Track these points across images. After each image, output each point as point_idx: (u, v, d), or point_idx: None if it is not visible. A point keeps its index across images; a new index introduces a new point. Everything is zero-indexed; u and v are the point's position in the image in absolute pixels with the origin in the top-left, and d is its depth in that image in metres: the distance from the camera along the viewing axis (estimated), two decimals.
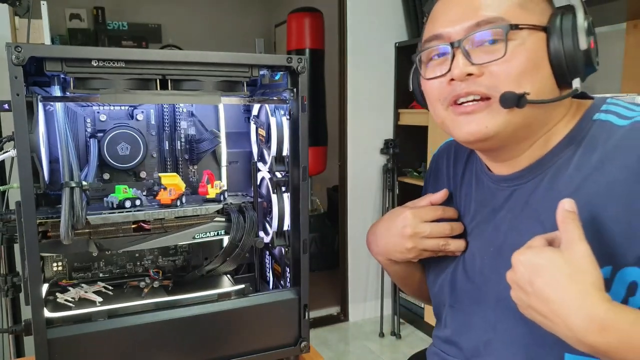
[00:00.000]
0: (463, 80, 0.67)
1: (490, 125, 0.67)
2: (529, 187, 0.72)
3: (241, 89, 0.87)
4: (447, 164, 0.89)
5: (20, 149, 0.70)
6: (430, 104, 0.76)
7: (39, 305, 0.73)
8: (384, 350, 2.67)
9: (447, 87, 0.70)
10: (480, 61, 0.66)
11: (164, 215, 0.87)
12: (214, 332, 0.84)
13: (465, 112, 0.68)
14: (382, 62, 2.86)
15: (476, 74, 0.67)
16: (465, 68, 0.67)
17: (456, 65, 0.67)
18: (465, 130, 0.69)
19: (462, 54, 0.67)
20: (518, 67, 0.65)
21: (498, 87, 0.66)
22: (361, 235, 3.37)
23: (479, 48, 0.67)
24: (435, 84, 0.72)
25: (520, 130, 0.68)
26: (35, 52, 0.69)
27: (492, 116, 0.67)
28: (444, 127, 0.75)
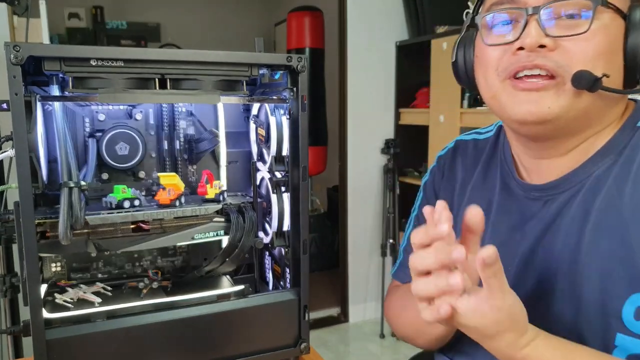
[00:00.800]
0: (533, 51, 0.61)
1: (553, 106, 0.61)
2: (563, 199, 0.67)
3: (241, 89, 0.87)
4: (463, 166, 0.84)
5: (19, 149, 0.69)
6: (483, 73, 0.69)
7: (38, 305, 0.72)
8: (384, 351, 2.66)
9: (511, 57, 0.63)
10: (557, 33, 0.60)
11: (163, 216, 0.86)
12: (214, 333, 0.84)
13: (528, 88, 0.62)
14: (382, 62, 2.86)
15: (549, 46, 0.60)
16: (540, 38, 0.60)
17: (528, 34, 0.61)
18: (525, 108, 0.63)
19: (538, 22, 0.61)
20: (596, 49, 0.60)
21: (570, 65, 0.60)
22: (361, 236, 3.36)
23: (557, 20, 0.61)
24: (497, 52, 0.65)
25: (578, 120, 0.63)
26: (34, 51, 0.69)
27: (557, 97, 0.61)
28: (494, 102, 0.68)
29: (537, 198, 0.70)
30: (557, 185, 0.68)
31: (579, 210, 0.65)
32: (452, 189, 0.84)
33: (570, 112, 0.62)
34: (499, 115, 0.69)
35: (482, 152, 0.82)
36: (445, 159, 0.89)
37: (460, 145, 0.87)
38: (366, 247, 2.96)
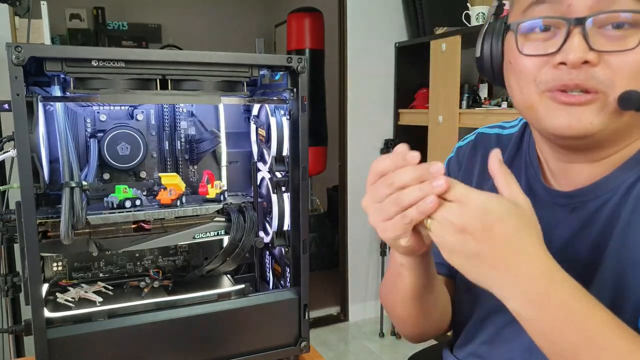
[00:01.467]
0: (575, 68, 0.56)
1: (595, 122, 0.57)
2: (592, 207, 0.64)
3: (241, 89, 0.87)
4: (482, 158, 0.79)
5: (21, 149, 0.70)
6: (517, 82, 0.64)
7: (39, 305, 0.73)
8: (384, 350, 2.67)
9: (551, 71, 0.59)
10: (602, 48, 0.55)
11: (164, 215, 0.87)
12: (214, 332, 0.84)
13: (569, 102, 0.58)
14: (382, 62, 2.86)
15: (593, 62, 0.56)
16: (584, 54, 0.55)
17: (572, 48, 0.56)
18: (566, 122, 0.58)
19: (582, 34, 0.55)
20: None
21: (614, 82, 0.56)
22: (361, 235, 3.35)
23: (600, 29, 0.56)
24: (535, 62, 0.60)
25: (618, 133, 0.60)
26: (35, 52, 0.69)
27: (599, 112, 0.57)
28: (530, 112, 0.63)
29: (564, 205, 0.67)
30: (586, 192, 0.65)
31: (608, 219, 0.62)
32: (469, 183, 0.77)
33: (610, 127, 0.59)
34: (533, 124, 0.65)
35: (505, 148, 0.77)
36: (464, 150, 0.84)
37: (482, 138, 0.83)
38: (366, 246, 2.96)
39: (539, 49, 0.60)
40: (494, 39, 0.67)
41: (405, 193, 0.53)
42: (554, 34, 0.59)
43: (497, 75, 0.68)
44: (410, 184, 0.53)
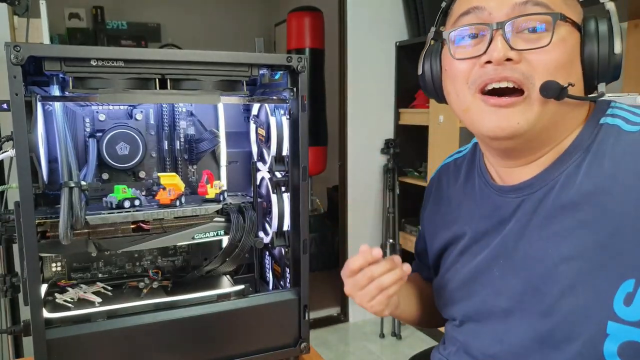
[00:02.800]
0: (500, 65, 0.64)
1: (522, 121, 0.65)
2: (537, 196, 0.69)
3: (241, 89, 0.87)
4: (447, 185, 0.87)
5: (19, 149, 0.69)
6: (454, 87, 0.72)
7: (38, 305, 0.73)
8: (384, 351, 2.66)
9: (480, 70, 0.67)
10: (521, 47, 0.64)
11: (163, 216, 0.86)
12: (214, 332, 0.84)
13: (497, 104, 0.66)
14: (382, 62, 2.85)
15: (515, 59, 0.64)
16: (506, 52, 0.64)
17: (495, 48, 0.64)
18: (495, 123, 0.66)
19: (503, 37, 0.64)
20: (557, 60, 0.63)
21: (534, 77, 0.64)
22: (361, 235, 3.35)
23: (520, 34, 0.65)
24: (466, 65, 0.68)
25: (547, 130, 0.67)
26: (34, 51, 0.69)
27: (525, 112, 0.65)
28: (466, 116, 0.71)
29: (513, 199, 0.72)
30: (530, 184, 0.71)
31: (555, 207, 0.67)
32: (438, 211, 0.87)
33: (538, 125, 0.65)
34: (471, 128, 0.72)
35: (461, 167, 0.85)
36: (435, 181, 0.92)
37: (444, 169, 0.91)
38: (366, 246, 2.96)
39: (469, 53, 0.68)
40: (432, 57, 0.76)
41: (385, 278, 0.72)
42: (481, 39, 0.67)
43: (437, 90, 0.78)
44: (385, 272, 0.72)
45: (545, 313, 0.66)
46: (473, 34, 0.68)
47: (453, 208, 0.84)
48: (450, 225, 0.83)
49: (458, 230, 0.81)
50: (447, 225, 0.83)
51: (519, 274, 0.70)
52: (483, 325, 0.75)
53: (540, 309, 0.67)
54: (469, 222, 0.79)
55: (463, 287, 0.79)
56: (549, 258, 0.67)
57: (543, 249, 0.67)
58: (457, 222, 0.82)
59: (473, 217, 0.79)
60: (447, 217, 0.84)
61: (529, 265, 0.69)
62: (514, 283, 0.71)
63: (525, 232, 0.70)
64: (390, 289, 0.73)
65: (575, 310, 0.64)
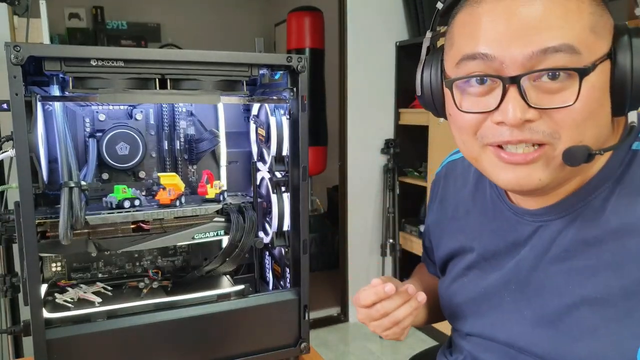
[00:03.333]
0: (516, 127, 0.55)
1: (543, 177, 0.57)
2: (557, 226, 0.64)
3: (241, 89, 0.87)
4: (454, 187, 0.82)
5: (19, 149, 0.69)
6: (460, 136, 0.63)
7: (38, 305, 0.73)
8: (385, 351, 2.66)
9: (492, 128, 0.58)
10: (541, 104, 0.54)
11: (163, 216, 0.86)
12: (214, 332, 0.84)
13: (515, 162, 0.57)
14: (382, 62, 2.85)
15: (534, 119, 0.55)
16: (524, 114, 0.54)
17: (510, 109, 0.54)
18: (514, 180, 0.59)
19: (518, 92, 0.54)
20: (585, 114, 0.54)
21: (559, 133, 0.55)
22: (361, 236, 3.35)
23: (536, 84, 0.55)
24: (473, 119, 0.59)
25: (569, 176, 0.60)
26: (34, 51, 0.69)
27: (546, 167, 0.57)
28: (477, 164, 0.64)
29: (528, 223, 0.67)
30: (549, 211, 0.64)
31: (577, 241, 0.61)
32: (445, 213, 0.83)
33: (561, 175, 0.59)
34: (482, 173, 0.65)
35: (470, 170, 0.80)
36: (438, 182, 0.88)
37: (450, 165, 0.86)
38: (366, 247, 2.96)
39: (477, 105, 0.59)
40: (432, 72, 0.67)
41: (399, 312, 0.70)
42: (491, 88, 0.57)
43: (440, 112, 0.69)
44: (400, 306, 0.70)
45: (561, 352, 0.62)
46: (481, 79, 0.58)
47: (460, 215, 0.79)
48: (456, 234, 0.79)
49: (465, 242, 0.77)
50: (454, 233, 0.80)
51: (532, 305, 0.66)
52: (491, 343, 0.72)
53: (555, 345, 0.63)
54: (478, 236, 0.75)
55: (471, 304, 0.75)
56: (569, 295, 0.62)
57: (563, 285, 0.62)
58: (464, 232, 0.77)
59: (483, 232, 0.74)
60: (453, 224, 0.80)
61: (544, 298, 0.64)
62: (526, 313, 0.67)
63: (541, 262, 0.65)
64: (406, 321, 0.71)
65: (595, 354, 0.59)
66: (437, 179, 0.88)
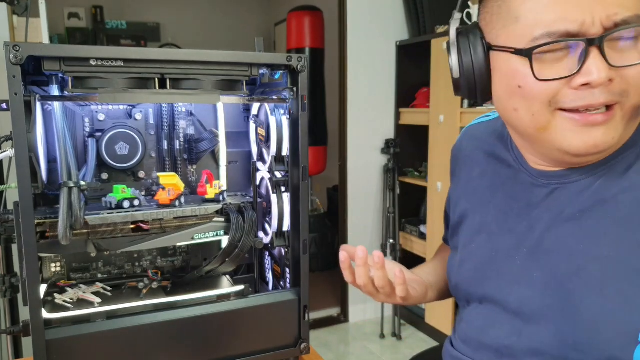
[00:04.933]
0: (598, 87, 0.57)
1: (615, 136, 0.59)
2: (573, 189, 0.64)
3: (241, 88, 0.86)
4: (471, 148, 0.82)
5: (18, 149, 0.69)
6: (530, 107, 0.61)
7: (37, 306, 0.72)
8: (385, 351, 2.66)
9: (572, 94, 0.58)
10: (620, 63, 0.56)
11: (163, 216, 0.86)
12: (214, 333, 0.84)
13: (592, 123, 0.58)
14: (382, 61, 2.85)
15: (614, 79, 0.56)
16: (608, 73, 0.56)
17: (595, 69, 0.55)
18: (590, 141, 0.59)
19: (601, 53, 0.56)
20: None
21: (628, 92, 0.57)
22: (361, 235, 3.35)
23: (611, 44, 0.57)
24: (552, 86, 0.59)
25: None
26: (34, 51, 0.68)
27: (617, 125, 0.59)
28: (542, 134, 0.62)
29: (544, 185, 0.67)
30: (569, 173, 0.65)
31: (594, 200, 0.62)
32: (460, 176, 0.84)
33: (626, 135, 0.61)
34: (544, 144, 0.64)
35: (489, 135, 0.80)
36: (456, 149, 0.88)
37: (470, 131, 0.86)
38: (366, 247, 2.95)
39: (555, 71, 0.58)
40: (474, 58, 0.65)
41: None
42: (566, 53, 0.58)
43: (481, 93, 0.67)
44: None
45: (570, 313, 0.62)
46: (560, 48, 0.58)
47: (474, 176, 0.79)
48: (469, 195, 0.79)
49: (476, 203, 0.76)
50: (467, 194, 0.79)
51: (543, 267, 0.66)
52: (498, 313, 0.71)
53: (563, 307, 0.63)
54: (491, 197, 0.74)
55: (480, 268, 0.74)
56: (580, 255, 0.62)
57: (574, 245, 0.62)
58: (477, 192, 0.77)
59: (496, 192, 0.74)
60: (468, 185, 0.80)
61: (555, 260, 0.64)
62: (537, 276, 0.66)
63: (555, 223, 0.65)
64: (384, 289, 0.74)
65: (603, 313, 0.59)
66: (454, 150, 0.89)
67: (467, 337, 0.77)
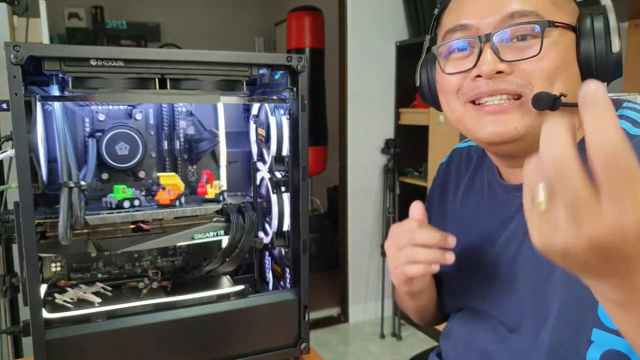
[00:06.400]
0: (491, 78, 0.64)
1: (519, 126, 0.63)
2: None
3: (240, 88, 0.86)
4: (456, 173, 0.87)
5: (19, 149, 0.69)
6: (445, 98, 0.72)
7: (38, 306, 0.72)
8: (385, 351, 2.66)
9: (470, 84, 0.66)
10: (511, 58, 0.63)
11: (163, 216, 0.86)
12: (213, 333, 0.84)
13: (492, 111, 0.64)
14: (382, 61, 2.86)
15: (506, 71, 0.63)
16: (496, 65, 0.63)
17: (484, 62, 0.63)
18: (491, 130, 0.65)
19: (492, 49, 0.63)
20: (551, 66, 0.62)
21: (531, 83, 0.63)
22: (361, 236, 3.35)
23: (508, 45, 0.64)
24: (455, 79, 0.68)
25: None
26: (34, 51, 0.68)
27: (522, 116, 0.63)
28: (460, 125, 0.70)
29: (517, 197, 0.71)
30: None
31: None
32: (445, 197, 0.87)
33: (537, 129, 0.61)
34: (467, 135, 0.72)
35: (473, 157, 0.85)
36: (443, 168, 0.92)
37: (456, 153, 0.91)
38: (366, 247, 2.96)
39: (458, 66, 0.68)
40: (428, 67, 0.77)
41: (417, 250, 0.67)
42: (470, 53, 0.66)
43: (435, 99, 0.77)
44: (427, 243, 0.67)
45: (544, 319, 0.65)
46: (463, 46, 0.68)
47: (457, 198, 0.83)
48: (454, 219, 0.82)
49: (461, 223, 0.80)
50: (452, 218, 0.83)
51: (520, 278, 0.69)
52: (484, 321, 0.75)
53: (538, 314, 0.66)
54: (476, 219, 0.78)
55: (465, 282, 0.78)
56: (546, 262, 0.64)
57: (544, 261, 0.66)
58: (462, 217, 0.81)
59: (480, 213, 0.78)
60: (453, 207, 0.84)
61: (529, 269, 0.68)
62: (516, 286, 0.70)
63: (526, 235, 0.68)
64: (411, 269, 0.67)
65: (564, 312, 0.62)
66: (440, 170, 0.92)
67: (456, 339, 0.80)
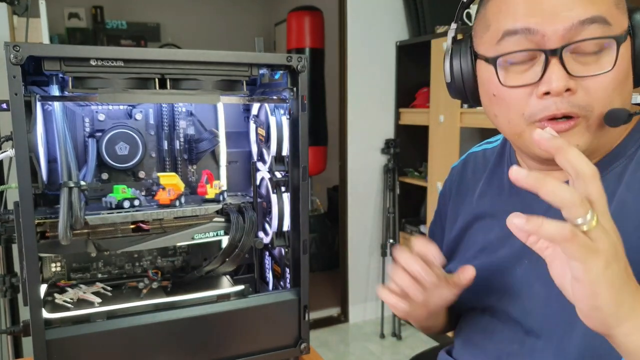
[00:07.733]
0: (559, 96, 0.59)
1: (580, 143, 0.61)
2: None
3: (241, 88, 0.86)
4: (472, 173, 0.85)
5: (19, 149, 0.69)
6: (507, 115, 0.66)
7: (38, 306, 0.72)
8: (385, 351, 2.66)
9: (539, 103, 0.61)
10: (579, 73, 0.59)
11: (163, 216, 0.86)
12: (213, 333, 0.84)
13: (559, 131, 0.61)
14: (382, 61, 2.86)
15: (573, 89, 0.59)
16: (567, 82, 0.58)
17: (554, 76, 0.58)
18: None
19: (560, 63, 0.59)
20: (616, 82, 0.59)
21: (592, 105, 0.59)
22: (361, 236, 3.35)
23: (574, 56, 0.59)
24: (520, 94, 0.63)
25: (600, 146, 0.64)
26: (34, 51, 0.68)
27: (583, 134, 0.61)
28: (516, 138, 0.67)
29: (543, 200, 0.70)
30: None
31: None
32: (462, 201, 0.85)
33: (594, 143, 0.62)
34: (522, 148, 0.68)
35: (490, 160, 0.83)
36: (456, 171, 0.90)
37: (471, 157, 0.89)
38: (366, 247, 2.96)
39: (520, 79, 0.62)
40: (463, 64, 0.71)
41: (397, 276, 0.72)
42: (532, 63, 0.62)
43: (471, 98, 0.73)
44: None
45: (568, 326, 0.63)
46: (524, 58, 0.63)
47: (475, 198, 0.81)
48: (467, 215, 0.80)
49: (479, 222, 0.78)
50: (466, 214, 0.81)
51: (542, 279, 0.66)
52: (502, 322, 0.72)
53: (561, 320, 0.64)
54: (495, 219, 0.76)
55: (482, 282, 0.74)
56: None
57: None
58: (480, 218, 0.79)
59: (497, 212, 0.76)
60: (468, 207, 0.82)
61: None
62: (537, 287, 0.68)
63: None
64: None
65: None
66: (453, 172, 0.90)
67: (469, 338, 0.78)
